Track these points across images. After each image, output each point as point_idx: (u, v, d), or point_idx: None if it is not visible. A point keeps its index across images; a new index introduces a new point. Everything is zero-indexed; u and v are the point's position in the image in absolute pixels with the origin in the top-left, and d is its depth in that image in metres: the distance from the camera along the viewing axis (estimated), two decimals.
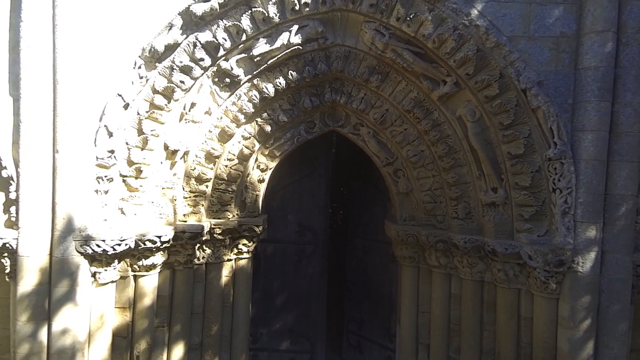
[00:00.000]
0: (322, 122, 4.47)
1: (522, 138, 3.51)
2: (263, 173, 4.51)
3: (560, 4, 3.36)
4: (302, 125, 4.44)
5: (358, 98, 4.21)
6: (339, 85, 4.23)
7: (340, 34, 3.88)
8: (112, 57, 3.30)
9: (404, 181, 4.41)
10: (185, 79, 3.55)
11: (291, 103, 4.22)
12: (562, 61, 3.41)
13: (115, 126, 3.30)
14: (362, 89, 4.19)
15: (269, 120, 4.21)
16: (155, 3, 3.33)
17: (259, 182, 4.52)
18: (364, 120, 4.36)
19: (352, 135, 4.50)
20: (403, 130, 4.22)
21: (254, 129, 4.21)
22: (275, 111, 4.19)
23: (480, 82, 3.57)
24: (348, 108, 4.32)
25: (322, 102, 4.27)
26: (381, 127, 4.28)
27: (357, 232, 5.82)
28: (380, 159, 4.43)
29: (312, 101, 4.23)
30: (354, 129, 4.47)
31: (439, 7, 3.43)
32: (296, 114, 4.28)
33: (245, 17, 3.52)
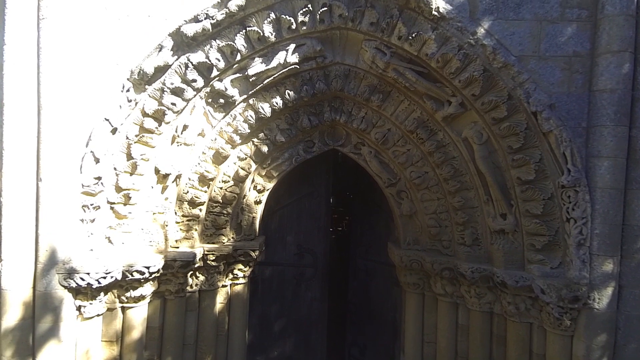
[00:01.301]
0: (322, 141, 4.34)
1: (533, 163, 3.33)
2: (260, 194, 4.38)
3: (573, 22, 3.20)
4: (301, 145, 4.31)
5: (359, 117, 4.08)
6: (338, 104, 4.10)
7: (340, 52, 3.75)
8: (99, 80, 3.20)
9: (407, 203, 4.25)
10: (176, 101, 3.44)
11: (289, 122, 4.09)
12: (575, 82, 3.24)
13: (102, 152, 3.19)
14: (362, 108, 4.05)
15: (266, 141, 4.08)
16: (145, 24, 3.24)
17: (255, 204, 4.39)
18: (365, 139, 4.22)
19: (353, 154, 4.35)
20: (406, 150, 4.07)
21: (250, 150, 4.08)
22: (273, 131, 4.07)
23: (487, 104, 3.42)
24: (348, 127, 4.18)
25: (321, 122, 4.14)
26: (383, 147, 4.13)
27: (359, 253, 5.65)
28: (383, 179, 4.28)
29: (310, 120, 4.10)
30: (355, 148, 4.32)
31: (442, 26, 3.28)
32: (294, 134, 4.15)
33: (239, 37, 3.41)
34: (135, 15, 3.22)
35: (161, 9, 3.24)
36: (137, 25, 3.23)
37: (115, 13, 3.20)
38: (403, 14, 3.34)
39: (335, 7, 3.38)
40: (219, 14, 3.23)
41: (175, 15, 3.25)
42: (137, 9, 3.22)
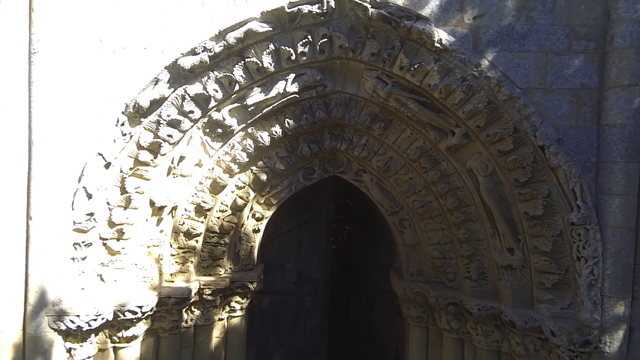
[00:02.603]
0: (322, 168, 4.28)
1: (541, 198, 3.26)
2: (259, 222, 4.32)
3: (580, 54, 3.16)
4: (301, 172, 4.25)
5: (360, 145, 4.02)
6: (339, 131, 4.05)
7: (340, 81, 3.71)
8: (92, 114, 3.16)
9: (410, 232, 4.17)
10: (173, 133, 3.39)
11: (288, 150, 4.04)
12: (584, 115, 3.18)
13: (95, 187, 3.13)
14: (363, 136, 3.99)
15: (265, 169, 4.03)
16: (140, 57, 3.20)
17: (254, 233, 4.32)
18: (367, 166, 4.16)
19: (355, 181, 4.29)
20: (408, 179, 4.00)
21: (248, 178, 4.02)
22: (272, 159, 4.01)
23: (492, 136, 3.36)
24: (349, 154, 4.12)
25: (322, 149, 4.08)
26: (385, 175, 4.07)
27: (360, 278, 5.57)
28: (385, 207, 4.20)
29: (310, 148, 4.05)
30: (356, 175, 4.26)
31: (445, 57, 3.24)
32: (294, 161, 4.10)
33: (237, 68, 3.37)
34: (130, 48, 3.19)
35: (158, 41, 3.21)
36: (132, 58, 3.20)
37: (110, 45, 3.17)
38: (405, 45, 3.30)
39: (335, 38, 3.35)
40: (216, 46, 3.20)
41: (172, 47, 3.22)
42: (133, 41, 3.19)
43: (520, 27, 3.19)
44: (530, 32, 3.18)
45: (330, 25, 3.32)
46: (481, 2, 3.19)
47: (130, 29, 3.19)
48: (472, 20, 3.22)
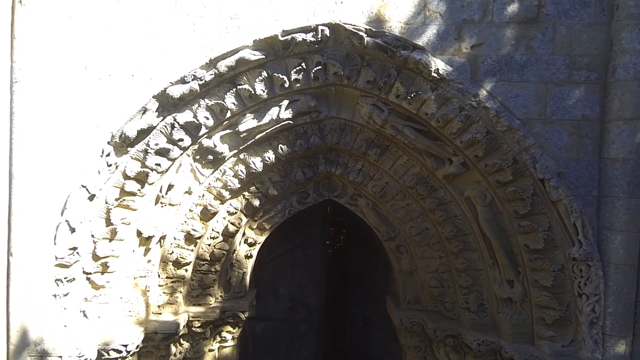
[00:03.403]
0: (317, 192, 4.20)
1: (542, 231, 3.19)
2: (251, 248, 4.23)
3: (581, 84, 3.11)
4: (295, 196, 4.17)
5: (355, 170, 3.95)
6: (334, 156, 3.97)
7: (335, 107, 3.64)
8: (77, 144, 3.07)
9: (407, 259, 4.09)
10: (161, 161, 3.31)
11: (282, 175, 3.96)
12: (585, 147, 3.14)
13: (78, 220, 3.03)
14: (359, 161, 3.93)
15: (258, 194, 3.94)
16: (128, 84, 3.12)
17: (246, 259, 4.23)
18: (362, 191, 4.09)
19: (350, 206, 4.22)
20: (405, 205, 3.94)
21: (240, 203, 3.94)
22: (265, 184, 3.93)
23: (491, 166, 3.30)
24: (344, 179, 4.06)
25: (316, 174, 4.01)
26: (381, 200, 4.00)
27: (356, 299, 5.49)
28: (381, 232, 4.13)
29: (305, 173, 3.97)
30: (352, 199, 4.18)
31: (442, 87, 3.19)
32: (287, 186, 4.02)
33: (229, 95, 3.30)
34: (117, 75, 3.11)
35: (146, 68, 3.13)
36: (119, 85, 3.12)
37: (96, 72, 3.09)
38: (401, 73, 3.25)
39: (330, 65, 3.29)
40: (207, 74, 3.12)
41: (161, 74, 3.14)
42: (120, 68, 3.11)
43: (520, 56, 3.14)
44: (530, 61, 3.14)
45: (325, 52, 3.26)
46: (479, 31, 3.14)
47: (118, 55, 3.11)
48: (470, 49, 3.17)
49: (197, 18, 3.14)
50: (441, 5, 3.14)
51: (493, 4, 3.11)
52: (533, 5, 3.08)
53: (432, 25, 3.17)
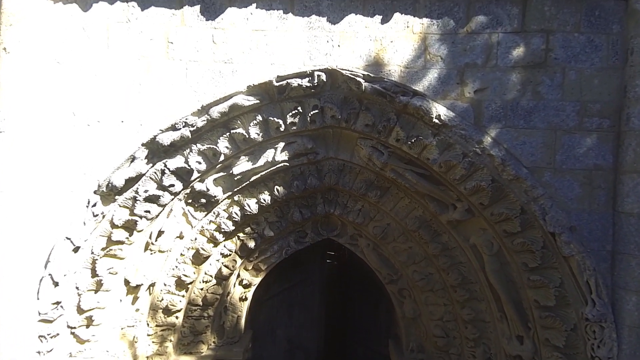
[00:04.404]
0: (315, 231, 4.07)
1: (553, 287, 3.02)
2: (246, 290, 4.09)
3: (593, 132, 2.97)
4: (292, 236, 4.04)
5: (355, 210, 3.82)
6: (332, 195, 3.85)
7: (333, 148, 3.54)
8: (63, 193, 2.99)
9: (410, 304, 3.93)
10: (151, 208, 3.21)
11: (278, 215, 3.84)
12: (597, 199, 2.98)
13: (62, 273, 2.93)
14: (359, 201, 3.79)
15: (253, 235, 3.83)
16: (117, 130, 3.04)
17: (241, 301, 4.09)
18: (363, 231, 3.97)
19: (350, 245, 4.09)
20: (407, 248, 3.79)
21: (235, 245, 3.82)
22: (260, 225, 3.82)
23: (497, 215, 3.15)
24: (344, 219, 3.94)
25: (314, 214, 3.90)
26: (382, 242, 3.86)
27: (357, 338, 5.29)
28: (382, 274, 3.98)
29: (302, 214, 3.85)
30: (352, 239, 4.05)
31: (445, 132, 3.07)
32: (284, 226, 3.90)
33: (222, 140, 3.21)
34: (106, 121, 3.05)
35: (136, 114, 3.06)
36: (108, 131, 3.05)
37: (85, 119, 3.03)
38: (401, 118, 3.14)
39: (327, 109, 3.20)
40: (199, 120, 3.05)
41: (152, 119, 3.07)
42: (109, 114, 3.05)
43: (526, 102, 3.02)
44: (537, 107, 3.01)
45: (322, 96, 3.18)
46: (482, 76, 3.03)
47: (107, 101, 3.05)
48: (473, 94, 3.06)
49: (190, 62, 3.08)
50: (442, 49, 3.04)
51: (497, 47, 3.00)
52: (540, 49, 2.97)
53: (433, 69, 3.07)
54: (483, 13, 2.97)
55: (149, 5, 3.03)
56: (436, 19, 3.01)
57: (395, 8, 3.02)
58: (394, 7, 3.02)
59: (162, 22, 3.05)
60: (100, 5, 3.01)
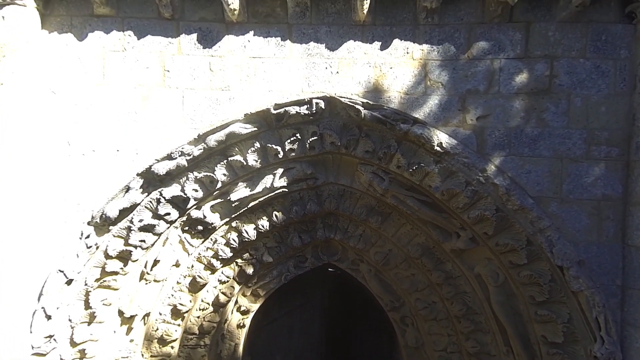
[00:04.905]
0: (315, 256, 3.99)
1: (561, 323, 2.91)
2: (244, 317, 4.02)
3: (601, 161, 2.89)
4: (291, 261, 3.97)
5: (355, 235, 3.75)
6: (332, 220, 3.78)
7: (333, 173, 3.48)
8: (56, 223, 2.96)
9: (412, 332, 3.83)
10: (146, 237, 3.16)
11: (277, 241, 3.78)
12: (606, 230, 2.88)
13: (55, 306, 2.88)
14: (360, 226, 3.72)
15: (252, 260, 3.76)
16: (112, 159, 3.01)
17: (239, 328, 4.02)
18: (364, 256, 3.89)
19: (351, 271, 4.02)
20: (410, 275, 3.70)
21: (233, 271, 3.76)
22: (259, 250, 3.75)
23: (502, 246, 3.06)
24: (344, 244, 3.87)
25: (314, 238, 3.83)
26: (384, 268, 3.78)
27: None
28: (384, 301, 3.89)
29: (301, 239, 3.79)
30: (353, 264, 3.96)
31: (447, 160, 3.00)
32: (284, 251, 3.83)
33: (220, 167, 3.17)
34: (102, 150, 3.02)
35: (132, 143, 3.03)
36: (103, 161, 3.02)
37: (80, 148, 3.01)
38: (402, 145, 3.08)
39: (326, 135, 3.14)
40: (196, 149, 3.01)
41: (148, 148, 3.03)
42: (105, 143, 3.02)
43: (531, 129, 2.95)
44: (542, 135, 2.93)
45: (321, 123, 3.13)
46: (485, 102, 2.97)
47: (103, 130, 3.03)
48: (476, 120, 2.99)
49: (187, 90, 3.06)
50: (443, 75, 2.99)
51: (499, 73, 2.94)
52: (544, 75, 2.90)
53: (433, 95, 3.01)
54: (484, 39, 2.92)
55: (146, 34, 3.02)
56: (436, 45, 2.96)
57: (394, 34, 2.98)
58: (393, 34, 2.98)
59: (159, 50, 3.04)
60: (96, 34, 3.01)
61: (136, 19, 3.02)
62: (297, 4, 2.96)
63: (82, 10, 3.01)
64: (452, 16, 2.92)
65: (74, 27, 3.02)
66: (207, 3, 3.01)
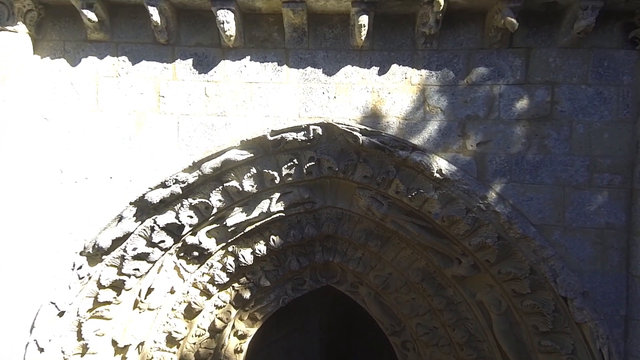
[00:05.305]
0: (314, 278, 3.94)
1: (565, 354, 2.85)
2: (241, 341, 3.96)
3: (604, 189, 2.84)
4: (289, 284, 3.92)
5: (354, 258, 3.70)
6: (331, 243, 3.73)
7: (331, 197, 3.43)
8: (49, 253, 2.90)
9: (414, 357, 3.76)
10: (140, 266, 3.11)
11: (275, 264, 3.72)
12: (610, 260, 2.83)
13: (47, 338, 2.82)
14: (359, 249, 3.68)
15: (249, 284, 3.71)
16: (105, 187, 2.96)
17: (236, 353, 3.96)
18: (363, 279, 3.84)
19: (350, 293, 3.97)
20: (410, 299, 3.65)
21: (229, 295, 3.71)
22: (256, 274, 3.70)
23: (505, 274, 3.00)
24: (344, 266, 3.82)
25: (312, 261, 3.78)
26: (384, 291, 3.73)
27: None
28: (385, 325, 3.84)
29: (299, 262, 3.73)
30: (352, 286, 3.91)
31: (446, 187, 2.96)
32: (281, 275, 3.78)
33: (215, 193, 3.11)
34: (95, 178, 2.98)
35: (125, 170, 2.98)
36: (96, 188, 2.97)
37: (72, 176, 2.96)
38: (400, 170, 3.03)
39: (324, 161, 3.10)
40: (190, 176, 2.96)
41: (142, 175, 2.98)
42: (98, 170, 2.97)
43: (532, 156, 2.90)
44: (544, 162, 2.89)
45: (318, 148, 3.08)
46: (485, 128, 2.93)
47: (96, 157, 2.98)
48: (476, 146, 2.95)
49: (182, 116, 3.02)
50: (442, 101, 2.95)
51: (499, 99, 2.90)
52: (545, 102, 2.86)
53: (433, 120, 2.97)
54: (484, 64, 2.89)
55: (140, 59, 2.99)
56: (435, 70, 2.93)
57: (392, 59, 2.95)
58: (391, 59, 2.95)
59: (154, 75, 3.00)
60: (90, 59, 2.98)
61: (131, 44, 2.99)
62: (294, 29, 2.93)
63: (76, 35, 2.98)
64: (451, 42, 2.89)
65: (67, 53, 2.99)
66: (203, 28, 2.99)
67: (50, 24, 2.98)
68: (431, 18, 2.70)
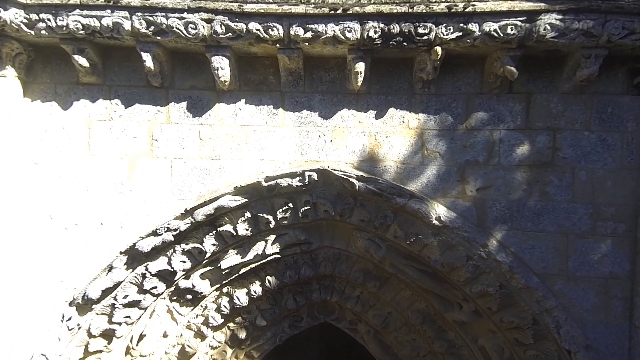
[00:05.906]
0: (311, 315, 3.87)
1: None
2: None
3: (608, 237, 2.78)
4: (286, 321, 3.85)
5: (353, 297, 3.63)
6: (329, 282, 3.67)
7: (328, 237, 3.37)
8: (37, 302, 2.86)
9: None
10: (131, 313, 3.04)
11: (271, 303, 3.66)
12: (614, 310, 2.77)
13: None
14: (357, 288, 3.62)
15: (245, 324, 3.63)
16: (96, 233, 2.91)
17: None
18: (362, 317, 3.77)
19: (349, 331, 3.90)
20: (411, 339, 3.58)
21: (225, 335, 3.64)
22: (252, 313, 3.63)
23: (507, 323, 2.94)
24: (342, 304, 3.76)
25: (309, 299, 3.72)
26: (384, 330, 3.66)
27: None
28: None
29: (296, 301, 3.67)
30: (351, 324, 3.85)
31: (446, 233, 2.90)
32: (278, 313, 3.72)
33: (209, 237, 3.05)
34: (85, 224, 2.92)
35: (116, 216, 2.93)
36: (87, 235, 2.91)
37: (62, 222, 2.91)
38: (398, 216, 2.97)
39: (320, 204, 3.04)
40: (182, 224, 2.91)
41: (133, 221, 2.92)
42: (88, 216, 2.92)
43: (534, 203, 2.85)
44: (546, 209, 2.83)
45: (314, 192, 3.03)
46: (485, 174, 2.88)
47: (86, 203, 2.93)
48: (476, 192, 2.89)
49: (175, 160, 2.98)
50: (440, 145, 2.90)
51: (499, 145, 2.85)
52: (547, 148, 2.81)
53: (431, 165, 2.92)
54: (483, 109, 2.84)
55: (133, 103, 2.95)
56: (433, 114, 2.89)
57: (390, 103, 2.91)
58: (388, 102, 2.91)
59: (147, 119, 2.96)
60: (82, 103, 2.94)
61: (124, 87, 2.95)
62: (290, 73, 2.89)
63: (67, 78, 2.95)
64: (450, 86, 2.85)
65: (58, 96, 2.95)
66: (197, 71, 2.95)
67: (41, 66, 2.95)
68: (429, 65, 2.66)
